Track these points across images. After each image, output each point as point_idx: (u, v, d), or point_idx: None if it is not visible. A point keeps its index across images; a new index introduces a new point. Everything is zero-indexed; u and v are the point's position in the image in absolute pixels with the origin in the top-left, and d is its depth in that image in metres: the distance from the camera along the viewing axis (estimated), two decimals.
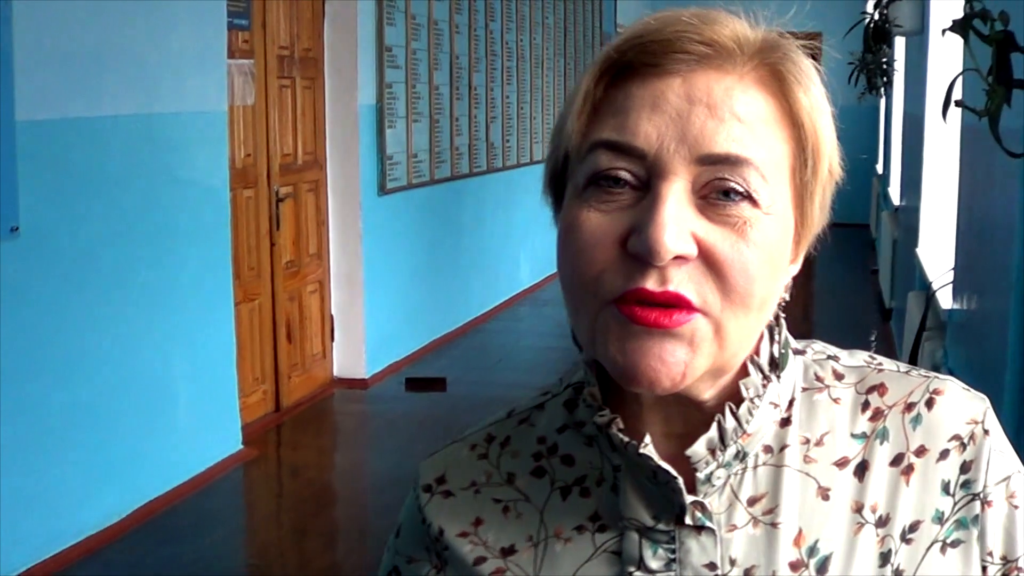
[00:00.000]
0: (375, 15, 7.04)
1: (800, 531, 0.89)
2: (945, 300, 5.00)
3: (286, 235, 6.47)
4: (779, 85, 0.87)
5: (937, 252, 6.14)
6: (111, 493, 4.78)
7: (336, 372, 7.14)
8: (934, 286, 5.21)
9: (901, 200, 8.69)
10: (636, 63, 0.86)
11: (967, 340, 4.43)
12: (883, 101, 11.88)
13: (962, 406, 0.92)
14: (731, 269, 0.82)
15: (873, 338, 8.37)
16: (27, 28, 4.20)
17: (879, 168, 12.25)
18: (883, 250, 9.75)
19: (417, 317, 7.88)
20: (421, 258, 7.97)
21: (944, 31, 2.57)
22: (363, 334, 7.12)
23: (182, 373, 5.26)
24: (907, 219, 7.77)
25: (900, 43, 9.00)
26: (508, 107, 9.77)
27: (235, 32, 5.79)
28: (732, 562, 0.88)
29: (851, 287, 10.40)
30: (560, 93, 11.38)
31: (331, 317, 7.08)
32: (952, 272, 4.90)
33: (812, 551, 0.88)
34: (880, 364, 0.96)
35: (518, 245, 10.14)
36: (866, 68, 8.42)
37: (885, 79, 8.78)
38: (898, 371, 0.95)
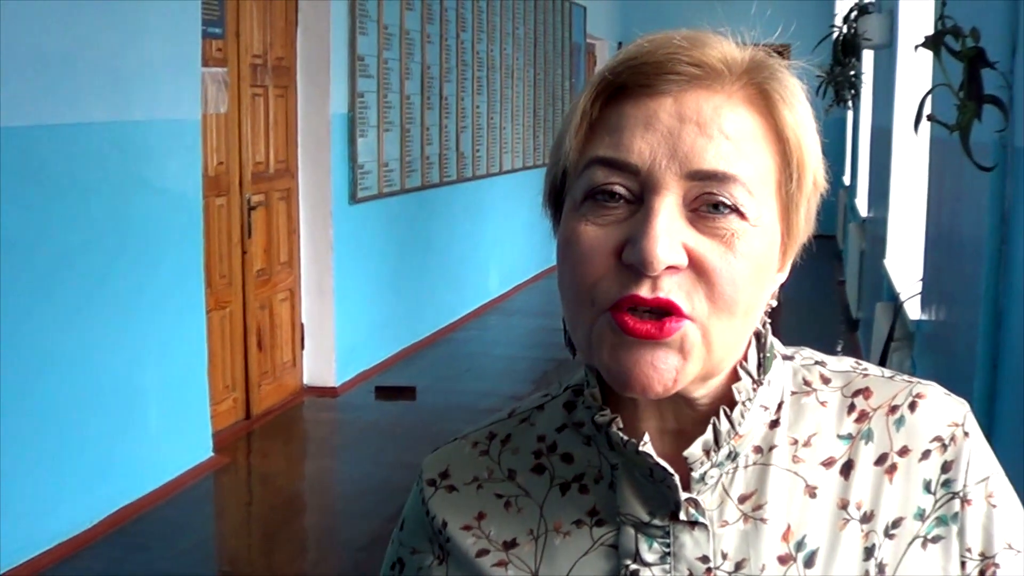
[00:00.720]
0: (347, 25, 7.05)
1: (788, 527, 0.93)
2: (913, 311, 5.05)
3: (257, 243, 6.47)
4: (765, 103, 0.92)
5: (905, 263, 6.20)
6: (81, 500, 4.77)
7: (306, 380, 7.14)
8: (903, 297, 5.26)
9: (869, 212, 8.75)
10: (630, 84, 0.90)
11: (935, 350, 4.48)
12: (850, 113, 11.96)
13: (944, 409, 0.97)
14: (719, 278, 0.87)
15: (840, 348, 8.41)
16: (2, 35, 4.19)
17: (846, 180, 12.33)
18: (850, 261, 9.81)
19: (387, 326, 7.89)
20: (391, 267, 7.98)
21: (916, 47, 2.62)
22: (333, 342, 7.12)
23: (153, 380, 5.25)
24: (875, 230, 7.83)
25: (868, 56, 9.08)
26: (478, 117, 9.79)
27: (209, 40, 5.80)
28: (724, 556, 0.92)
29: (818, 298, 10.45)
30: (530, 103, 11.42)
31: (301, 325, 7.08)
32: (921, 283, 4.95)
33: (800, 545, 0.92)
34: (865, 369, 1.01)
35: (487, 255, 10.16)
36: (834, 81, 8.49)
37: (853, 91, 8.85)
38: (882, 376, 1.00)
